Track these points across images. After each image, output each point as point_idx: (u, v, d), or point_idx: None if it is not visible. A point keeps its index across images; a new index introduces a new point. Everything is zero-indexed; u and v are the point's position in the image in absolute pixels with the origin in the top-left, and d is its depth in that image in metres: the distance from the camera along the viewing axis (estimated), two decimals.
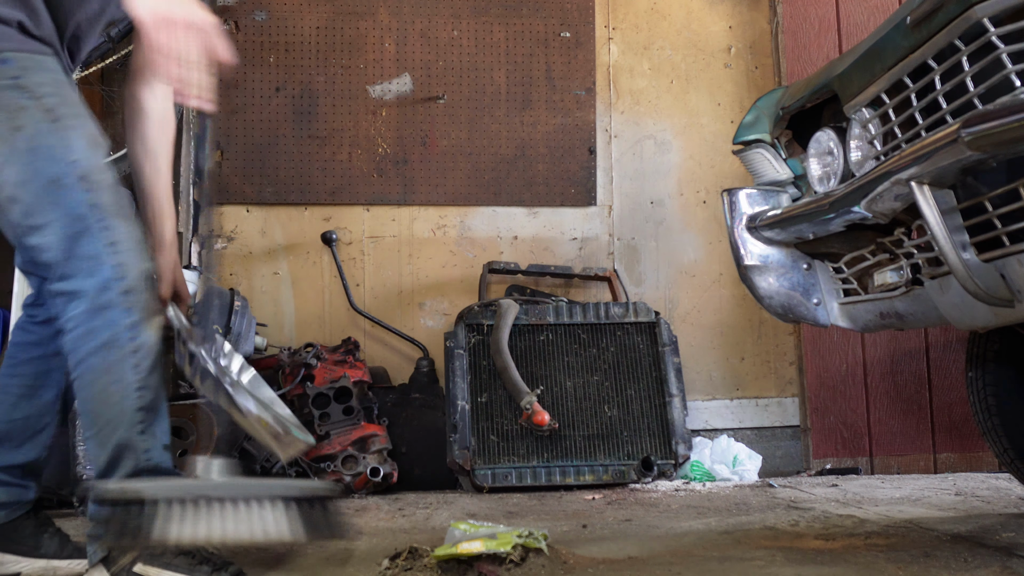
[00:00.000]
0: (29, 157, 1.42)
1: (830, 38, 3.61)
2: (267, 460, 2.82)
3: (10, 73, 1.44)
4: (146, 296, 1.48)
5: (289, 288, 3.53)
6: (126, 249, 1.46)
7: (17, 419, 1.72)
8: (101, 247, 1.44)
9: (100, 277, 1.43)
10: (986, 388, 2.25)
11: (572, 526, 2.25)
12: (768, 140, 2.13)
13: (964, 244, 1.48)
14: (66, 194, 1.43)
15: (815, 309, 2.06)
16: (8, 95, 1.43)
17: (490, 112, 3.65)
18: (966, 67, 1.43)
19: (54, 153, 1.44)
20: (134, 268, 1.46)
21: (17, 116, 1.43)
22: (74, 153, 1.46)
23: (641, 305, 3.33)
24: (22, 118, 1.43)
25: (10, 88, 1.44)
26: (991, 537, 2.01)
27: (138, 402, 1.46)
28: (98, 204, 1.46)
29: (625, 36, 3.78)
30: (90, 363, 1.44)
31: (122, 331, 1.44)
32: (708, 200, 3.74)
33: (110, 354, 1.44)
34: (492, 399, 3.10)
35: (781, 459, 3.61)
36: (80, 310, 1.43)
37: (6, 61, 1.44)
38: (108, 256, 1.44)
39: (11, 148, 1.42)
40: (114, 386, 1.44)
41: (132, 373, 1.45)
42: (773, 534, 2.10)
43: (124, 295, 1.44)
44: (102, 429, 1.45)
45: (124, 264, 1.45)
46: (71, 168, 1.45)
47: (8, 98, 1.43)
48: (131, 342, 1.45)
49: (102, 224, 1.45)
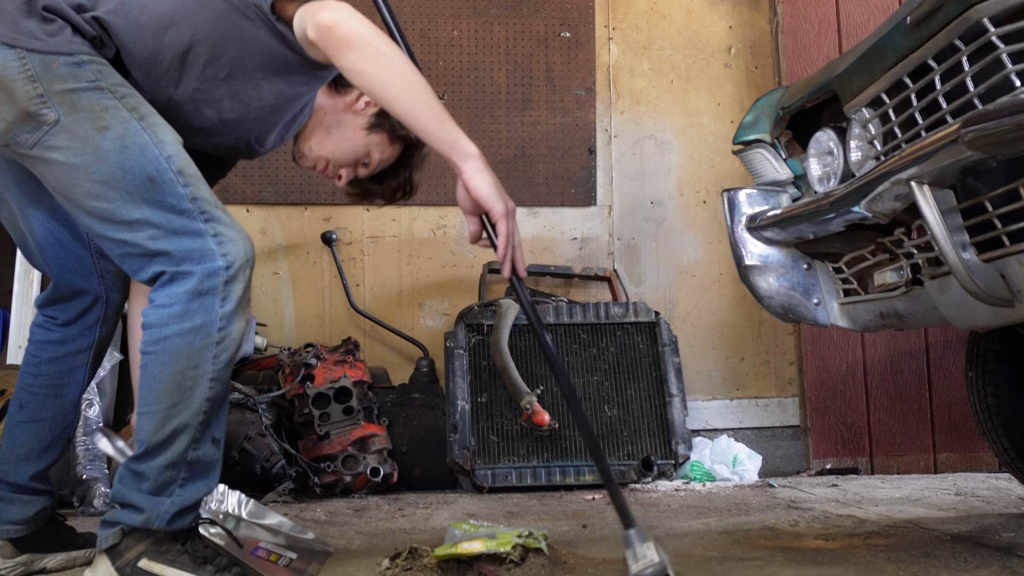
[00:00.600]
0: (118, 155, 1.43)
1: (830, 38, 3.61)
2: (267, 460, 2.82)
3: (88, 76, 1.44)
4: (245, 287, 1.49)
5: (289, 288, 3.54)
6: (230, 239, 1.47)
7: (45, 419, 1.75)
8: (207, 239, 1.45)
9: (210, 265, 1.44)
10: (986, 388, 2.25)
11: (572, 526, 2.25)
12: (768, 140, 2.13)
13: (964, 244, 1.48)
14: (167, 189, 1.44)
15: (815, 309, 2.06)
16: (89, 96, 1.43)
17: (490, 112, 3.65)
18: (966, 67, 1.43)
19: (147, 150, 1.44)
20: (239, 259, 1.47)
21: (101, 116, 1.43)
22: (167, 148, 1.46)
23: (641, 305, 3.33)
24: (107, 118, 1.43)
25: (91, 90, 1.44)
26: (991, 537, 2.01)
27: (208, 392, 1.47)
28: (198, 197, 1.47)
29: (625, 36, 3.78)
30: (175, 343, 1.44)
31: (215, 319, 1.45)
32: (708, 200, 3.75)
33: (196, 339, 1.45)
34: (492, 399, 3.10)
35: (781, 459, 3.62)
36: (183, 290, 1.44)
37: (82, 64, 1.44)
38: (215, 247, 1.45)
39: (96, 148, 1.42)
40: (191, 371, 1.45)
41: (211, 363, 1.46)
42: (773, 534, 2.10)
43: (226, 284, 1.46)
44: (165, 410, 1.45)
45: (230, 254, 1.46)
46: (168, 163, 1.45)
47: (90, 99, 1.43)
48: (219, 332, 1.46)
49: (205, 216, 1.46)
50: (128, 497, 1.48)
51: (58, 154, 1.43)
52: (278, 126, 1.71)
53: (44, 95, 1.42)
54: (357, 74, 1.47)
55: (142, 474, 1.47)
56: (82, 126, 1.43)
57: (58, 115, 1.42)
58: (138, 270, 1.48)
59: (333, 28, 1.45)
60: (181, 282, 1.45)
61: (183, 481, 1.48)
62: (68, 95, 1.43)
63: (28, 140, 1.43)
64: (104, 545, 1.48)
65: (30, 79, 1.41)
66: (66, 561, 1.78)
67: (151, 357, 1.46)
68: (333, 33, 1.45)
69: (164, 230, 1.44)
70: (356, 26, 1.45)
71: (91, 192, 1.44)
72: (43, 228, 1.71)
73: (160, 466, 1.47)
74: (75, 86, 1.43)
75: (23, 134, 1.43)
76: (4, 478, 1.73)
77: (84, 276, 1.76)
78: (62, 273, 1.75)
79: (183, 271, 1.45)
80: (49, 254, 1.73)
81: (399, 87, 1.47)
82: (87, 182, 1.44)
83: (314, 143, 1.81)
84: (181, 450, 1.47)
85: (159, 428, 1.46)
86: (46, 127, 1.42)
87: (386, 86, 1.47)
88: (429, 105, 1.48)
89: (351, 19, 1.46)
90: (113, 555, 1.48)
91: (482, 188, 1.51)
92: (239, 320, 1.49)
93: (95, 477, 2.62)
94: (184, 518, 1.50)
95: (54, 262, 1.74)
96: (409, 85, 1.46)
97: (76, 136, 1.43)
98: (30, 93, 1.41)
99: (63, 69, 1.42)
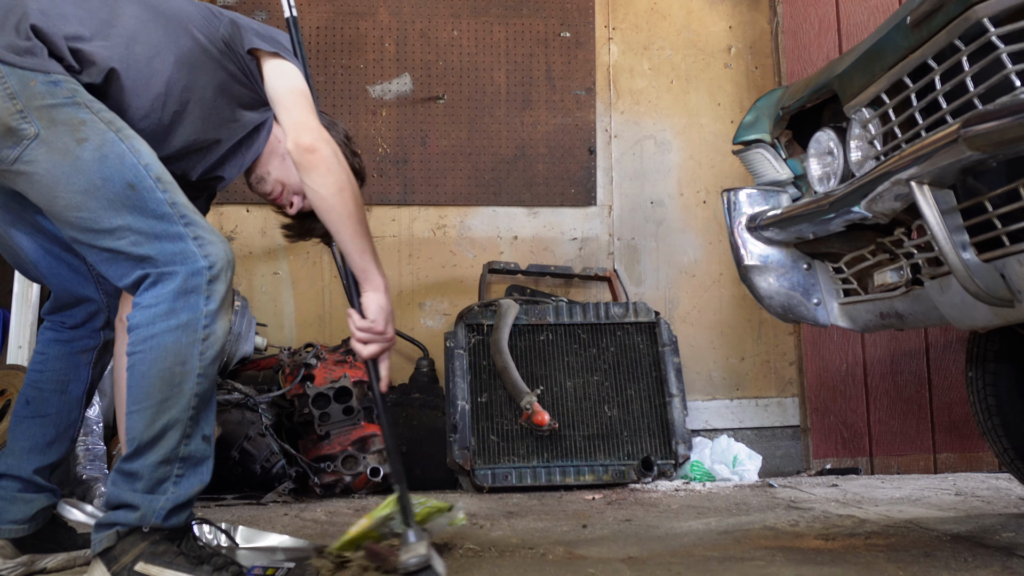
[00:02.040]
0: (98, 165, 1.47)
1: (830, 38, 3.61)
2: (267, 460, 2.82)
3: (64, 93, 1.49)
4: (227, 287, 1.54)
5: (289, 288, 3.54)
6: (210, 242, 1.52)
7: (50, 414, 1.78)
8: (188, 242, 1.50)
9: (193, 265, 1.49)
10: (986, 388, 2.25)
11: (572, 526, 2.25)
12: (768, 140, 2.13)
13: (964, 244, 1.48)
14: (147, 195, 1.49)
15: (815, 309, 2.06)
16: (67, 111, 1.49)
17: (490, 112, 3.65)
18: (966, 67, 1.43)
19: (126, 159, 1.49)
20: (221, 259, 1.52)
21: (80, 129, 1.48)
22: (144, 157, 1.52)
23: (641, 305, 3.33)
24: (85, 130, 1.48)
25: (69, 105, 1.49)
26: (991, 537, 2.01)
27: (196, 388, 1.50)
28: (176, 202, 1.52)
29: (625, 36, 3.78)
30: (161, 340, 1.48)
31: (200, 317, 1.49)
32: (708, 200, 3.74)
33: (183, 336, 1.48)
34: (492, 399, 3.10)
35: (781, 459, 3.62)
36: (168, 289, 1.48)
37: (58, 83, 1.49)
38: (197, 249, 1.50)
39: (75, 159, 1.47)
40: (178, 367, 1.48)
41: (197, 360, 1.50)
42: (773, 534, 2.10)
43: (209, 284, 1.50)
44: (155, 406, 1.48)
45: (212, 255, 1.51)
46: (146, 171, 1.51)
47: (68, 114, 1.48)
48: (204, 329, 1.50)
49: (185, 220, 1.51)
50: (122, 498, 1.48)
51: (39, 167, 1.47)
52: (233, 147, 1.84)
53: (24, 111, 1.46)
54: (311, 192, 1.65)
55: (135, 474, 1.48)
56: (61, 139, 1.47)
57: (38, 129, 1.47)
58: (122, 276, 1.52)
59: (308, 152, 1.63)
60: (166, 283, 1.49)
61: (177, 478, 1.50)
62: (47, 110, 1.47)
63: (9, 156, 1.47)
64: (99, 548, 1.48)
65: (9, 96, 1.46)
66: (66, 561, 1.79)
67: (139, 356, 1.49)
68: (307, 156, 1.63)
69: (146, 235, 1.49)
70: (326, 157, 1.63)
71: (72, 202, 1.48)
72: (31, 243, 1.75)
73: (153, 463, 1.48)
74: (53, 102, 1.48)
75: (4, 150, 1.47)
76: (8, 472, 1.75)
77: (81, 284, 1.80)
78: (59, 283, 1.79)
79: (167, 272, 1.49)
80: (43, 266, 1.77)
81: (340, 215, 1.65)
82: (68, 193, 1.47)
83: (272, 168, 1.96)
84: (173, 445, 1.49)
85: (149, 424, 1.48)
86: (26, 141, 1.47)
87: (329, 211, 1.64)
88: (359, 236, 1.67)
89: (324, 149, 1.63)
90: (108, 559, 1.48)
91: (372, 310, 1.72)
92: (223, 319, 1.53)
93: (95, 477, 2.62)
94: (180, 514, 1.50)
95: (49, 273, 1.78)
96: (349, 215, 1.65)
97: (56, 149, 1.47)
98: (10, 110, 1.46)
99: (40, 87, 1.47)
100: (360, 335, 1.73)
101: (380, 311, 1.71)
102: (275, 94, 1.70)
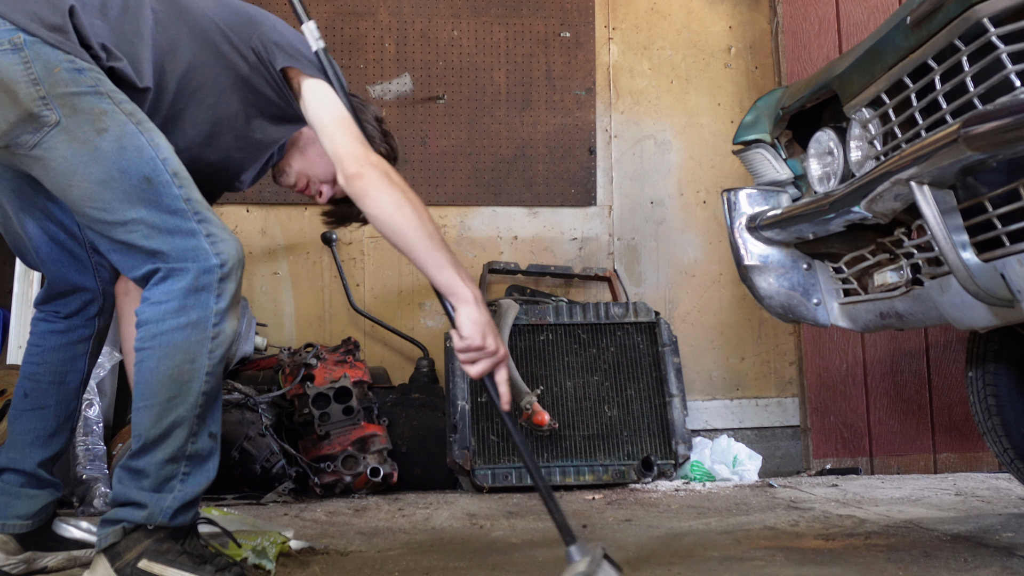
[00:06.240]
0: (116, 157, 1.47)
1: (830, 38, 3.61)
2: (267, 460, 2.82)
3: (88, 81, 1.48)
4: (237, 286, 1.53)
5: (289, 288, 3.54)
6: (222, 240, 1.51)
7: (49, 406, 1.78)
8: (200, 238, 1.50)
9: (204, 263, 1.49)
10: (986, 388, 2.25)
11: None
12: (768, 140, 2.13)
13: (964, 244, 1.48)
14: (162, 190, 1.49)
15: (815, 309, 2.06)
16: (89, 100, 1.48)
17: (490, 112, 3.65)
18: (966, 67, 1.43)
19: (144, 152, 1.49)
20: (232, 258, 1.52)
21: (100, 119, 1.47)
22: (163, 151, 1.51)
23: (641, 305, 3.33)
24: (105, 121, 1.48)
25: (91, 94, 1.48)
26: (991, 537, 2.01)
27: (204, 386, 1.50)
28: (192, 199, 1.52)
29: (625, 36, 3.78)
30: (171, 337, 1.48)
31: (210, 315, 1.49)
32: (708, 200, 3.74)
33: (193, 334, 1.48)
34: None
35: (781, 459, 3.61)
36: (179, 286, 1.48)
37: (82, 71, 1.48)
38: (209, 246, 1.50)
39: (94, 149, 1.47)
40: (187, 365, 1.48)
41: (206, 358, 1.49)
42: (773, 534, 2.10)
43: (220, 282, 1.50)
44: (163, 403, 1.48)
45: (223, 253, 1.50)
46: (163, 165, 1.50)
47: (90, 103, 1.47)
48: (214, 328, 1.50)
49: (198, 216, 1.51)
50: (129, 495, 1.48)
51: (57, 154, 1.47)
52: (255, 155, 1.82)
53: (46, 97, 1.45)
54: (372, 219, 1.62)
55: (142, 471, 1.48)
56: (82, 128, 1.46)
57: (59, 117, 1.46)
58: (132, 268, 1.52)
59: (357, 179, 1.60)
60: (176, 279, 1.48)
61: (184, 476, 1.50)
62: (69, 98, 1.46)
63: (29, 141, 1.47)
64: (103, 544, 1.48)
65: (33, 82, 1.44)
66: (67, 560, 1.79)
67: (147, 352, 1.49)
68: (355, 183, 1.60)
69: (159, 230, 1.48)
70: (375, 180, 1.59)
71: (88, 192, 1.47)
72: (37, 229, 1.74)
73: (160, 461, 1.48)
74: (76, 90, 1.47)
75: (24, 135, 1.46)
76: (12, 465, 1.75)
77: (80, 272, 1.80)
78: (58, 270, 1.79)
79: (178, 268, 1.48)
80: (44, 252, 1.77)
81: (405, 233, 1.59)
82: (85, 182, 1.47)
83: (293, 161, 1.92)
84: (180, 443, 1.49)
85: (157, 421, 1.48)
86: (47, 128, 1.46)
87: (394, 234, 1.60)
88: (432, 250, 1.59)
89: (371, 173, 1.60)
90: (112, 555, 1.48)
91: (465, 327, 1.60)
92: (232, 318, 1.53)
93: (95, 477, 2.62)
94: (186, 513, 1.51)
95: (49, 260, 1.77)
96: (414, 231, 1.58)
97: (76, 137, 1.46)
98: (32, 95, 1.45)
99: (64, 74, 1.46)
100: (461, 356, 1.63)
101: (474, 326, 1.59)
102: (317, 122, 1.68)
